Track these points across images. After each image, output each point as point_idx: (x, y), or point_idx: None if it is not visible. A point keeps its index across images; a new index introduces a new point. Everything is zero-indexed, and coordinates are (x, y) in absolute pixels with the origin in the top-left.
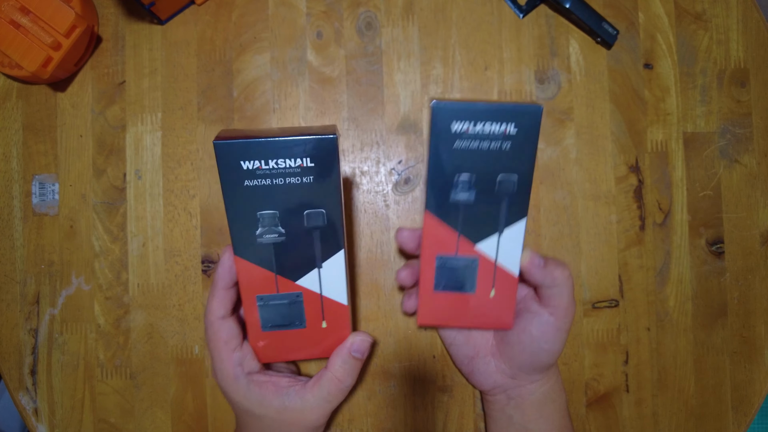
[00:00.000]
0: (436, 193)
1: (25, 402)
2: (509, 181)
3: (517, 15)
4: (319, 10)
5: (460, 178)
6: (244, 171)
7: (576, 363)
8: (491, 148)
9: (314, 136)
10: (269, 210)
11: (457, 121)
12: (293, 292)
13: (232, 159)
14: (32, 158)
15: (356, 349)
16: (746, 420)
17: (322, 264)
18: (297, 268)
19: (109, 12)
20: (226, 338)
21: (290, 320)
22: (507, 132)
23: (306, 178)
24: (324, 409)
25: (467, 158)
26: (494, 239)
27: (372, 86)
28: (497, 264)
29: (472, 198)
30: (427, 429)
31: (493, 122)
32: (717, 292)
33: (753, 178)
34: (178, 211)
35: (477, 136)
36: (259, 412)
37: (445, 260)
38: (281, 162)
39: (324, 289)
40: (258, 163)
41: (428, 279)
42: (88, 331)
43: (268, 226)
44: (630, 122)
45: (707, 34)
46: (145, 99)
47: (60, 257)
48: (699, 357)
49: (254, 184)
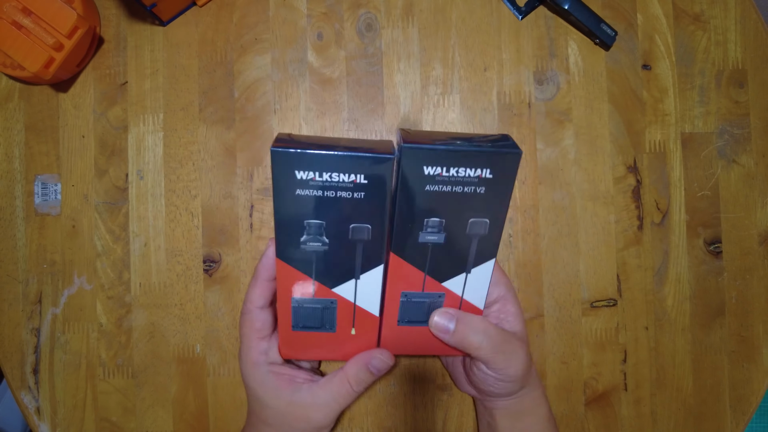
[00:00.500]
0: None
1: (27, 401)
2: (481, 224)
3: (516, 16)
4: (320, 11)
5: (430, 221)
6: (297, 180)
7: (574, 362)
8: (465, 192)
9: (372, 154)
10: (316, 220)
11: (430, 166)
12: (328, 299)
13: (287, 167)
14: (34, 159)
15: (374, 365)
16: (744, 419)
17: (360, 276)
18: (335, 276)
19: (110, 13)
20: (259, 327)
21: (321, 324)
22: (482, 176)
23: (357, 194)
24: (331, 408)
25: (438, 201)
26: (461, 278)
27: (372, 87)
28: (463, 299)
29: (442, 240)
30: (427, 428)
31: (467, 168)
32: (715, 291)
33: (751, 178)
34: (180, 211)
35: (450, 181)
36: (270, 403)
37: (411, 296)
38: (335, 176)
39: (358, 299)
40: (312, 174)
41: (392, 314)
42: (90, 331)
43: (313, 234)
44: (628, 123)
45: (705, 35)
46: (146, 100)
47: (62, 257)
48: (697, 356)
49: (305, 194)
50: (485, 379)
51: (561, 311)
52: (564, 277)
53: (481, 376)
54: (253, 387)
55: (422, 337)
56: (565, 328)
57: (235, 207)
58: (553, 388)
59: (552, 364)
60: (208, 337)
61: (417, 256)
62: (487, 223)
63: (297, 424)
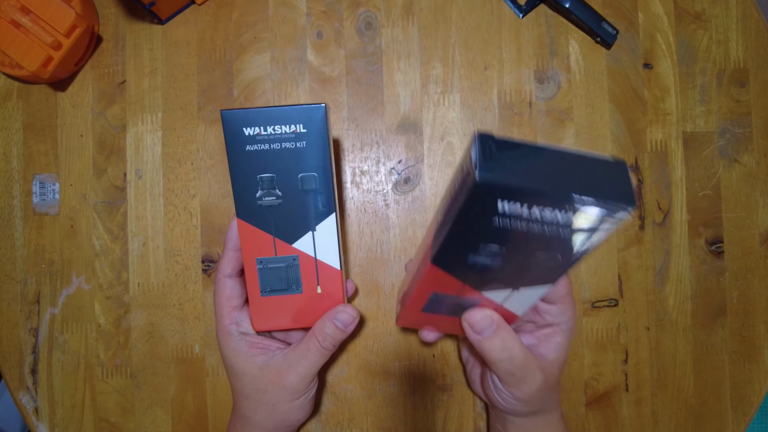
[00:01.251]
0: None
1: (25, 401)
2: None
3: (517, 15)
4: (319, 10)
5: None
6: (246, 136)
7: (575, 362)
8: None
9: (306, 105)
10: (268, 173)
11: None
12: (290, 255)
13: (236, 126)
14: (33, 158)
15: (340, 319)
16: (745, 419)
17: (315, 227)
18: (293, 231)
19: (109, 12)
20: (228, 295)
21: (287, 284)
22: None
23: (300, 143)
24: (303, 367)
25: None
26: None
27: (372, 86)
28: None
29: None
30: (426, 428)
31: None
32: (716, 291)
33: (752, 177)
34: (179, 210)
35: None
36: (243, 369)
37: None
38: (278, 128)
39: (318, 253)
40: (258, 129)
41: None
42: (89, 331)
43: (267, 189)
44: (629, 122)
45: (707, 34)
46: (145, 99)
47: (60, 257)
48: (698, 356)
49: (255, 149)
50: (495, 392)
51: None
52: None
53: (492, 387)
54: (227, 355)
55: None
56: None
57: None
58: None
59: None
60: (206, 337)
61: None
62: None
63: (270, 388)
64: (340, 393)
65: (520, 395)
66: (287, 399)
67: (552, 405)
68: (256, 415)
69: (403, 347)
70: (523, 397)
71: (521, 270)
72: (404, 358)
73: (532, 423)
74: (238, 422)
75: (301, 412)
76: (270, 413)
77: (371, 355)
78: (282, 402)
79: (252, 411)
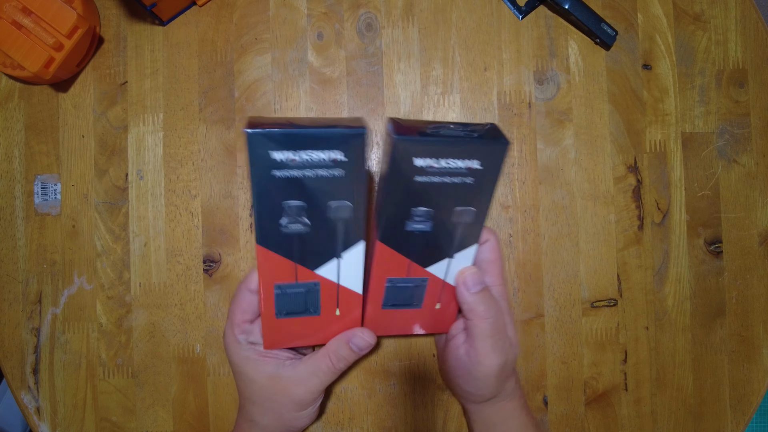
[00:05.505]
0: (392, 224)
1: (27, 401)
2: (467, 212)
3: (517, 16)
4: (320, 11)
5: (418, 210)
6: (274, 161)
7: (575, 362)
8: (453, 182)
9: (347, 129)
10: (296, 200)
11: (420, 157)
12: (311, 281)
13: (263, 149)
14: (34, 158)
15: (356, 343)
16: (744, 419)
17: (342, 254)
18: (317, 257)
19: (110, 13)
20: (245, 308)
21: (305, 308)
22: (471, 167)
23: (337, 171)
24: (312, 384)
25: (427, 191)
26: (444, 263)
27: (372, 87)
28: (446, 282)
29: (429, 229)
30: (427, 427)
31: (457, 159)
32: (715, 291)
33: (751, 177)
34: (180, 211)
35: (439, 172)
36: (253, 376)
37: (395, 281)
38: (313, 154)
39: (341, 279)
40: (290, 155)
41: (377, 298)
42: (90, 330)
43: (293, 216)
44: (629, 122)
45: (706, 35)
46: (146, 99)
47: (62, 257)
48: (697, 356)
49: (283, 175)
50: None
51: (561, 311)
52: (564, 277)
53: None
54: (237, 362)
55: (405, 319)
56: (566, 327)
57: (235, 207)
58: (554, 388)
59: (552, 364)
60: (208, 337)
61: (403, 244)
62: (474, 211)
63: (279, 398)
64: (340, 392)
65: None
66: (295, 409)
67: (509, 391)
68: (263, 421)
69: (403, 347)
70: (491, 371)
71: (449, 232)
72: (404, 357)
73: (494, 411)
74: (245, 425)
75: (308, 420)
76: (277, 420)
77: (371, 354)
78: (289, 411)
79: (259, 416)
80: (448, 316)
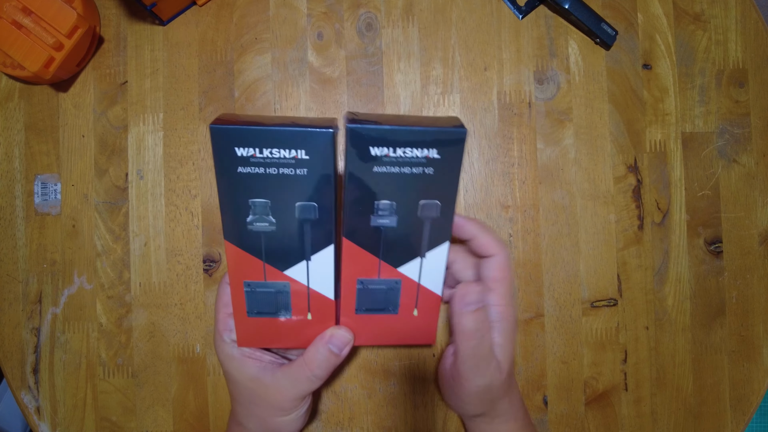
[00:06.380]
0: (355, 218)
1: (27, 401)
2: (432, 206)
3: (517, 16)
4: (320, 11)
5: (380, 204)
6: (238, 157)
7: (575, 362)
8: (413, 173)
9: (311, 128)
10: (261, 198)
11: (376, 146)
12: (281, 282)
13: (227, 144)
14: (34, 158)
15: (334, 342)
16: (744, 419)
17: (311, 257)
18: (286, 258)
19: (110, 13)
20: (225, 300)
21: (276, 309)
22: (429, 156)
23: (300, 170)
24: (290, 392)
25: (387, 183)
26: (416, 263)
27: (372, 87)
28: (420, 285)
29: (394, 223)
30: (427, 427)
31: (414, 148)
32: (715, 291)
33: (751, 177)
34: (180, 210)
35: (397, 162)
36: (236, 376)
37: (367, 282)
38: (275, 152)
39: (311, 282)
40: (252, 151)
41: (350, 302)
42: (90, 330)
43: (259, 214)
44: (629, 122)
45: (706, 35)
46: (146, 99)
47: (62, 256)
48: (697, 356)
49: (247, 172)
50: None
51: (561, 311)
52: (564, 276)
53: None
54: (222, 360)
55: (382, 326)
56: (566, 327)
57: None
58: (554, 388)
59: (552, 364)
60: (208, 337)
61: (370, 241)
62: (438, 205)
63: (260, 402)
64: (340, 392)
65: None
66: (277, 415)
67: (502, 411)
68: (249, 424)
69: (403, 346)
70: (471, 391)
71: (417, 229)
72: (404, 357)
73: (489, 430)
74: (235, 427)
75: (294, 425)
76: (261, 424)
77: (371, 354)
78: (271, 416)
79: (245, 419)
80: (428, 326)
